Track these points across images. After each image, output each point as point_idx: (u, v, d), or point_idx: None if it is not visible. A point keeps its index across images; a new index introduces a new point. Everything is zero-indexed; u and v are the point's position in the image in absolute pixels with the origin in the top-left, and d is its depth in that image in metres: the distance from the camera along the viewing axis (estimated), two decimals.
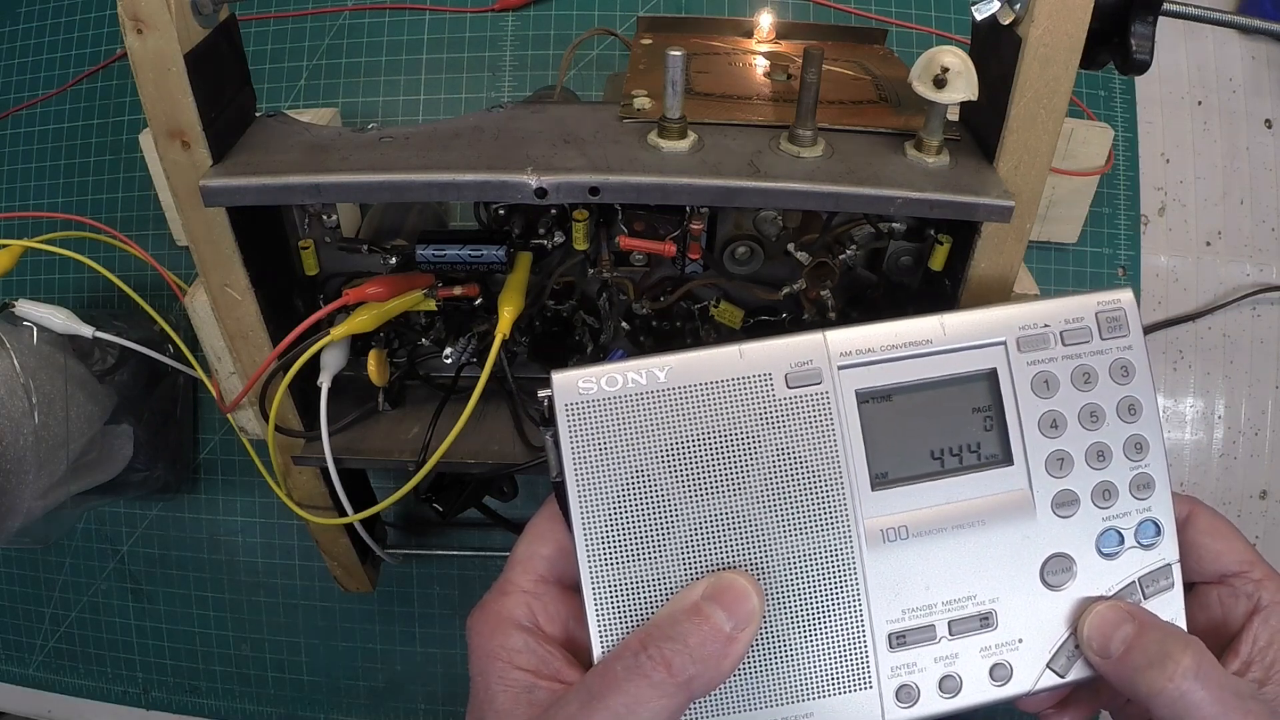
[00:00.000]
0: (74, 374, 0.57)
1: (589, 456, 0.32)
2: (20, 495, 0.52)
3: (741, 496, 0.32)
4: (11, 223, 0.68)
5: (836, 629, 0.32)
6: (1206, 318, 0.70)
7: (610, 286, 0.51)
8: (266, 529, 0.70)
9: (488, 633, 0.33)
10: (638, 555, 0.32)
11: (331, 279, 0.50)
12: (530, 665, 0.32)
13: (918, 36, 0.71)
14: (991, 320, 0.34)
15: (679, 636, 0.30)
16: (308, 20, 0.72)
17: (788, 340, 0.33)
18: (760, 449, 0.32)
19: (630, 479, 0.32)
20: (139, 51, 0.37)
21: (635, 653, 0.30)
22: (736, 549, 0.32)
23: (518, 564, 0.35)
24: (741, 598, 0.31)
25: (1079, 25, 0.37)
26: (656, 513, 0.32)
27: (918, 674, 0.33)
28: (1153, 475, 0.35)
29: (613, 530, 0.32)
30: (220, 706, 0.72)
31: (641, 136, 0.41)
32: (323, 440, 0.47)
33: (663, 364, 0.32)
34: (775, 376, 0.32)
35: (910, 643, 0.33)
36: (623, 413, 0.32)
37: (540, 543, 0.35)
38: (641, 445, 0.32)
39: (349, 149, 0.41)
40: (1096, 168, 0.64)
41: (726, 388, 0.32)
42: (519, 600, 0.34)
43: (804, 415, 0.32)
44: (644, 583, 0.32)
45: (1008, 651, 0.33)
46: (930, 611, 0.33)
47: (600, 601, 0.32)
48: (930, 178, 0.40)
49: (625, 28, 0.70)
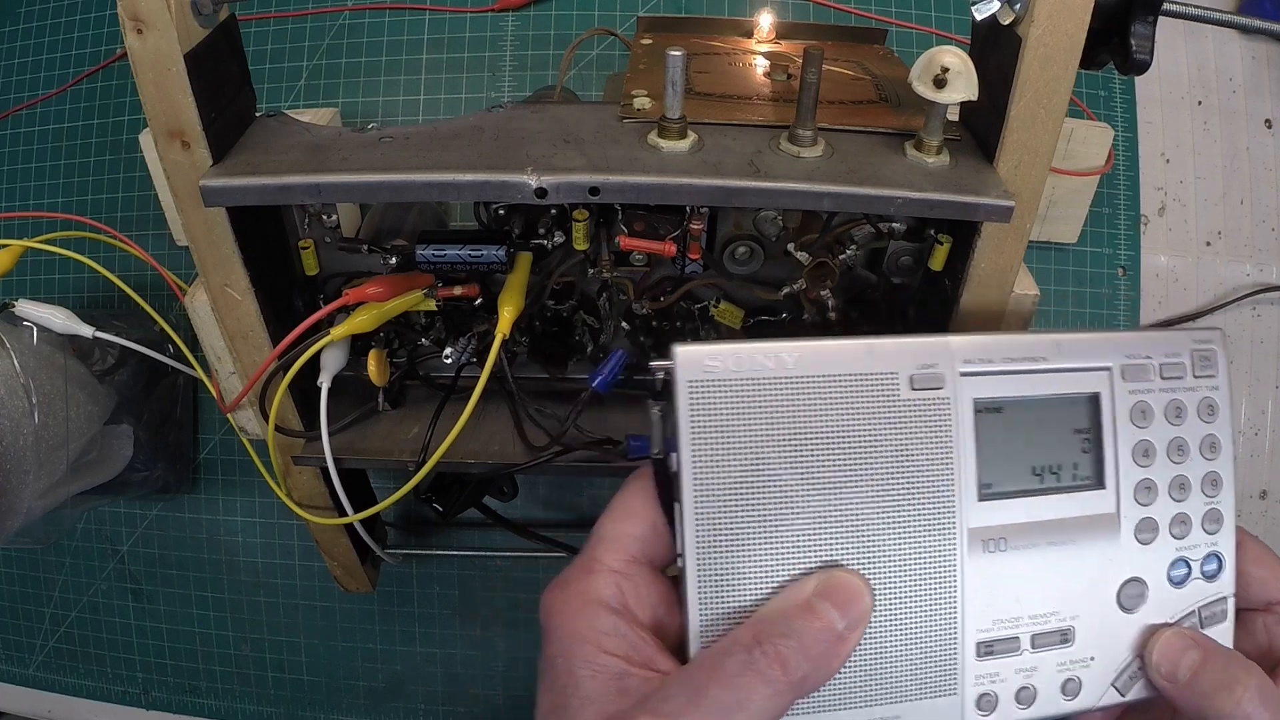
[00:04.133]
0: (74, 374, 0.57)
1: (708, 437, 0.30)
2: (20, 495, 0.52)
3: (855, 493, 0.31)
4: (11, 223, 0.68)
5: (933, 633, 0.32)
6: (1206, 318, 0.70)
7: (610, 286, 0.51)
8: (266, 529, 0.70)
9: (572, 613, 0.31)
10: (748, 544, 0.31)
11: (331, 279, 0.50)
12: (621, 650, 0.30)
13: (918, 36, 0.71)
14: (1101, 344, 0.35)
15: (794, 634, 0.29)
16: (308, 20, 0.72)
17: (914, 340, 0.33)
18: (878, 447, 0.32)
19: (748, 464, 0.31)
20: (139, 51, 0.37)
21: (748, 648, 0.29)
22: (845, 546, 0.31)
23: (605, 542, 0.33)
24: (855, 597, 0.30)
25: (1079, 25, 0.37)
26: (771, 502, 0.31)
27: (998, 684, 0.33)
28: (1223, 511, 0.35)
29: (725, 516, 0.31)
30: (220, 706, 0.72)
31: (641, 136, 0.41)
32: (323, 440, 0.47)
33: (792, 350, 0.31)
34: (900, 376, 0.32)
35: (996, 653, 0.33)
36: (746, 395, 0.31)
37: (630, 521, 0.33)
38: (763, 431, 0.31)
39: (349, 149, 0.41)
40: (1096, 168, 0.64)
41: (852, 382, 0.31)
42: (608, 580, 0.32)
43: (924, 418, 0.32)
44: (751, 573, 0.31)
45: (1080, 668, 0.34)
46: (1017, 624, 0.33)
47: (705, 589, 0.31)
48: (930, 178, 0.40)
49: (625, 28, 0.70)
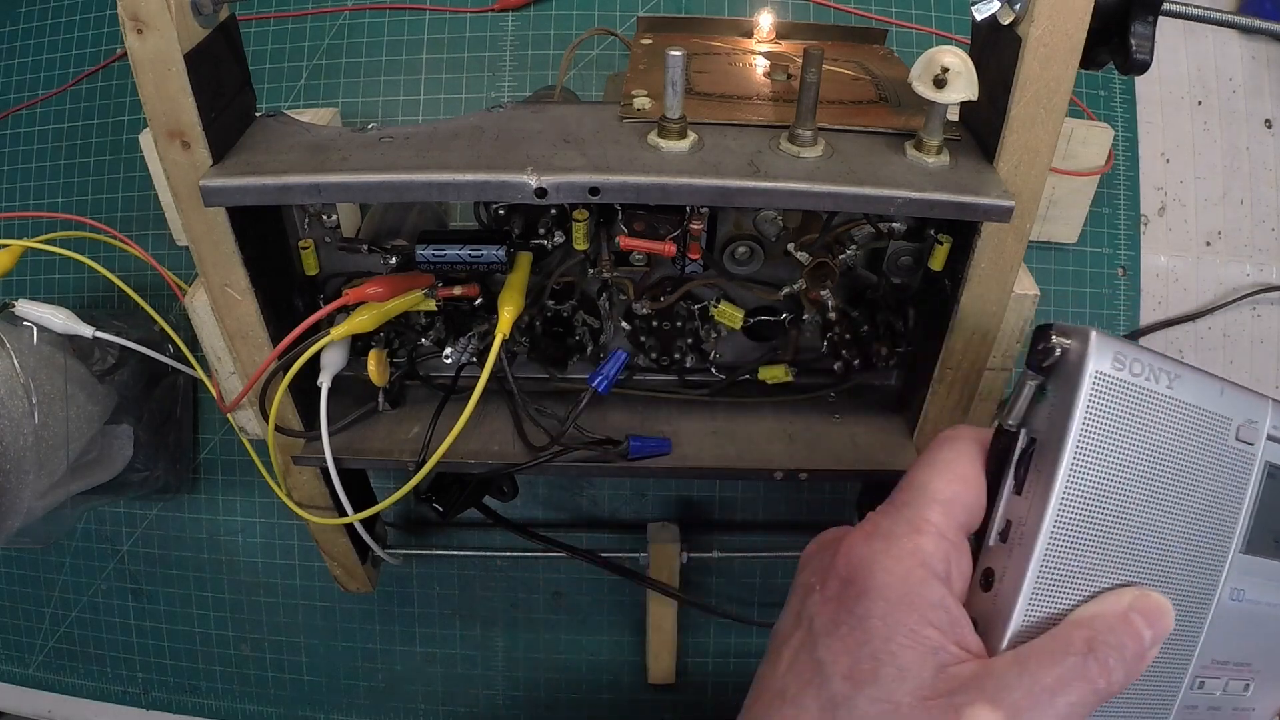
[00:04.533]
0: (74, 374, 0.57)
1: (1095, 431, 0.31)
2: (20, 495, 0.52)
3: (1170, 519, 0.33)
4: (11, 223, 0.68)
5: (1171, 661, 0.34)
6: (1206, 318, 0.70)
7: (610, 286, 0.51)
8: (266, 529, 0.70)
9: (902, 573, 0.29)
10: (1090, 544, 0.31)
11: (331, 279, 0.50)
12: (943, 625, 0.29)
13: (918, 36, 0.71)
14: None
15: (1119, 646, 0.29)
16: (308, 20, 0.72)
17: (1246, 393, 0.34)
18: (1199, 484, 0.33)
19: (1116, 469, 0.31)
20: (139, 51, 0.37)
21: (1083, 654, 0.29)
22: (1146, 566, 0.33)
23: (938, 503, 0.31)
24: (1163, 615, 0.31)
25: (1079, 25, 0.37)
26: (1118, 511, 0.32)
27: (1190, 713, 0.35)
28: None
29: (1084, 513, 0.31)
30: (220, 706, 0.72)
31: (641, 136, 0.41)
32: (323, 440, 0.47)
33: (1176, 371, 0.32)
34: (1231, 425, 0.34)
35: (1204, 689, 0.35)
36: (1135, 402, 0.32)
37: (965, 487, 0.31)
38: (1136, 441, 0.32)
39: (349, 149, 0.41)
40: (1096, 168, 0.64)
41: (1200, 417, 0.33)
42: (939, 546, 0.30)
43: (1235, 469, 0.34)
44: (1084, 575, 0.31)
45: (1239, 715, 0.37)
46: (1225, 668, 0.36)
47: (1043, 581, 0.31)
48: (930, 178, 0.40)
49: (625, 28, 0.70)
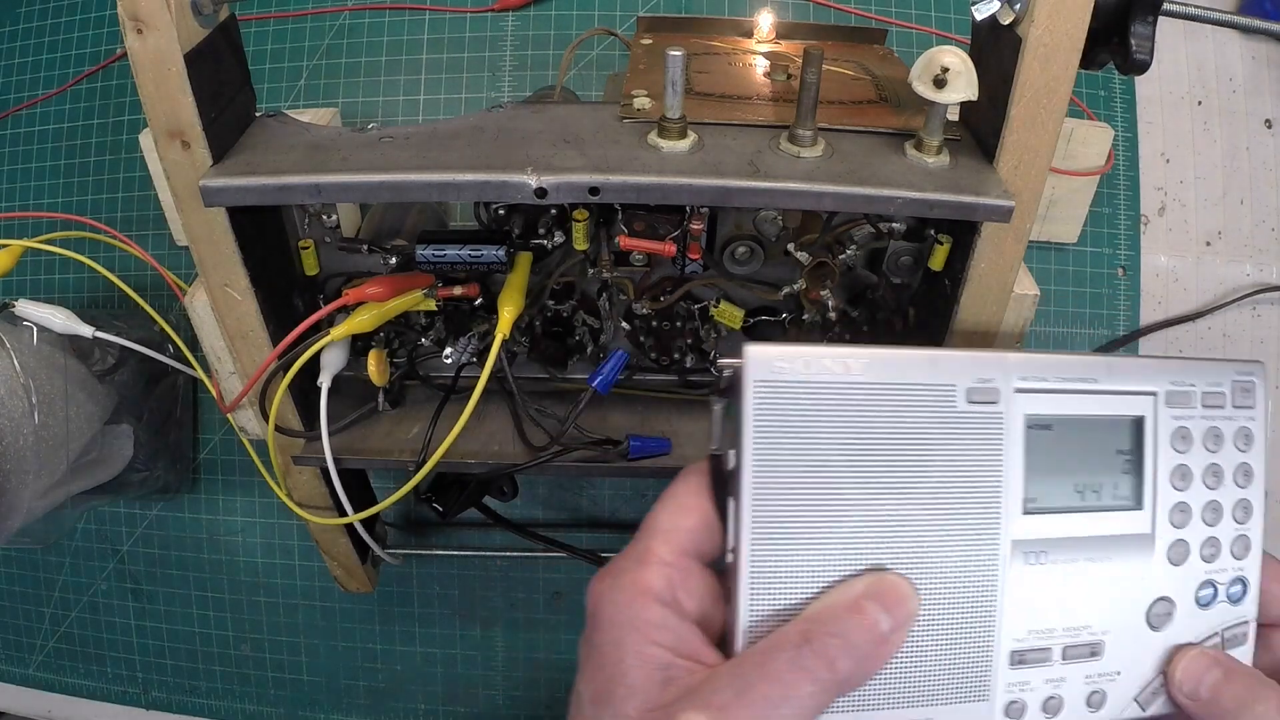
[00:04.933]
0: (74, 374, 0.56)
1: (772, 437, 0.31)
2: (20, 495, 0.52)
3: (906, 499, 0.32)
4: (11, 223, 0.68)
5: (971, 639, 0.33)
6: (1206, 318, 0.70)
7: (610, 286, 0.51)
8: (266, 529, 0.70)
9: (624, 602, 0.31)
10: (801, 544, 0.31)
11: (331, 279, 0.50)
12: (668, 642, 0.31)
13: (918, 36, 0.71)
14: (1150, 370, 0.35)
15: (842, 633, 0.30)
16: (308, 20, 0.72)
17: (974, 355, 0.34)
18: (932, 457, 0.32)
19: (808, 467, 0.31)
20: (139, 51, 0.37)
21: (797, 645, 0.29)
22: (894, 550, 0.32)
23: (659, 534, 0.33)
24: (902, 599, 0.31)
25: (1079, 25, 0.37)
26: (827, 504, 0.32)
27: (1027, 692, 0.34)
28: (1251, 539, 0.36)
29: (782, 515, 0.31)
30: (220, 706, 0.72)
31: (641, 136, 0.41)
32: (323, 440, 0.47)
33: (859, 356, 0.32)
34: (959, 389, 0.33)
35: (1028, 662, 0.34)
36: (812, 399, 0.31)
37: (684, 514, 0.33)
38: (825, 435, 0.31)
39: (349, 149, 0.41)
40: (1096, 168, 0.64)
41: (912, 391, 0.32)
42: (659, 572, 0.32)
43: (977, 431, 0.33)
44: (802, 572, 0.31)
45: (1106, 682, 0.35)
46: (1050, 635, 0.34)
47: (756, 586, 0.31)
48: (930, 178, 0.40)
49: (625, 28, 0.70)
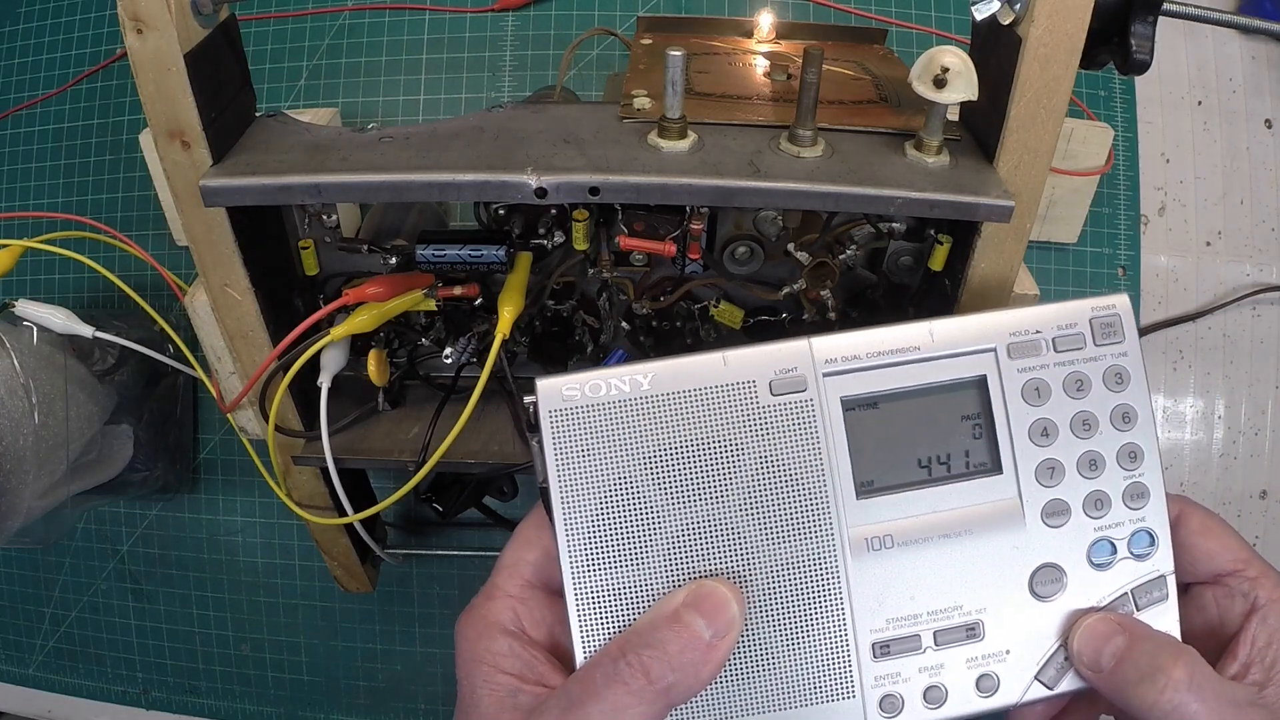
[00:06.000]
0: (74, 374, 0.56)
1: (573, 463, 0.31)
2: (20, 495, 0.52)
3: (725, 504, 0.32)
4: (11, 223, 0.68)
5: (819, 638, 0.32)
6: (1206, 318, 0.70)
7: (610, 286, 0.51)
8: (266, 529, 0.70)
9: (474, 636, 0.33)
10: (621, 562, 0.32)
11: (331, 279, 0.50)
12: (515, 669, 0.32)
13: (918, 36, 0.71)
14: (982, 326, 0.33)
15: (658, 644, 0.30)
16: (308, 20, 0.72)
17: (773, 347, 0.32)
18: (743, 456, 0.32)
19: (613, 486, 0.31)
20: (139, 51, 0.37)
21: (614, 659, 0.30)
22: (720, 556, 0.32)
23: (504, 569, 0.35)
24: (721, 606, 0.31)
25: (1079, 25, 0.37)
26: (640, 520, 0.32)
27: (902, 684, 0.33)
28: (1147, 485, 0.34)
29: (596, 537, 0.32)
30: (220, 706, 0.72)
31: (641, 136, 0.41)
32: (323, 440, 0.47)
33: (647, 371, 0.32)
34: (760, 384, 0.32)
35: (894, 653, 0.33)
36: (606, 419, 0.31)
37: (527, 548, 0.35)
38: (625, 452, 0.31)
39: (349, 149, 0.41)
40: (1096, 168, 0.64)
41: (710, 395, 0.32)
42: (505, 605, 0.34)
43: (787, 423, 0.32)
44: (627, 589, 0.32)
45: (995, 663, 0.33)
46: (915, 621, 0.33)
47: (583, 607, 0.32)
48: (930, 178, 0.40)
49: (625, 28, 0.70)
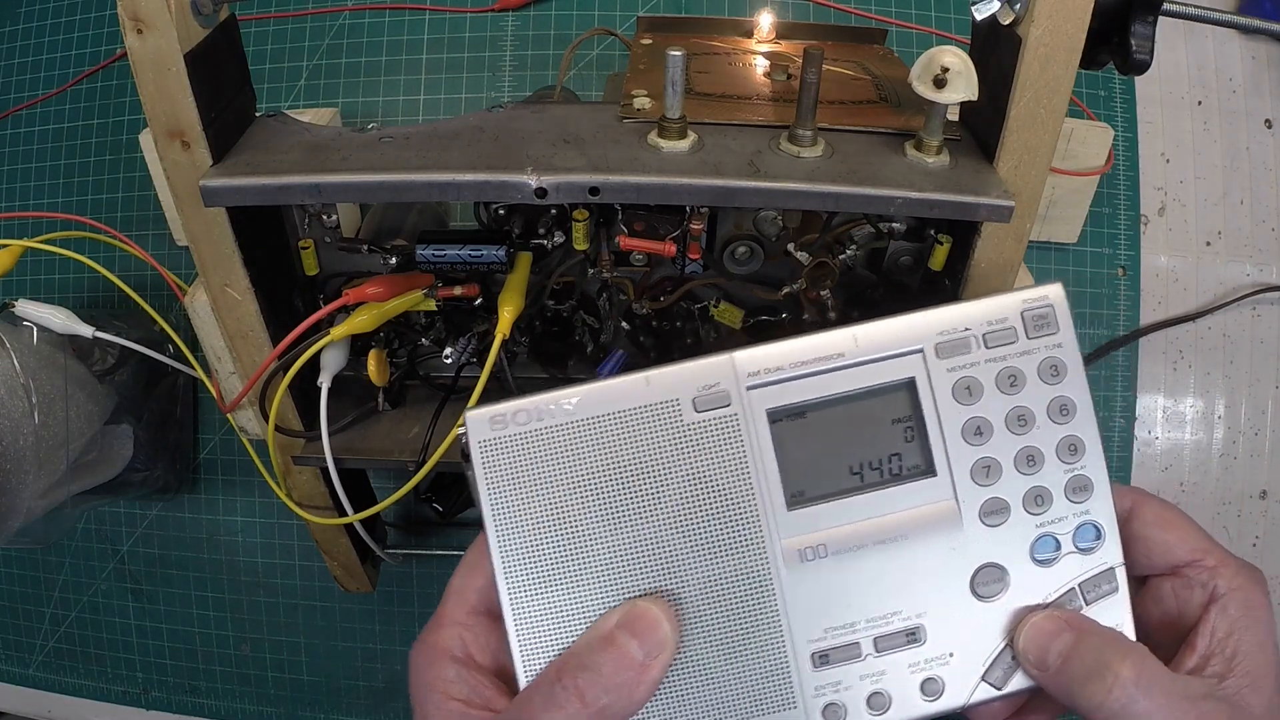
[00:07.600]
0: (74, 374, 0.57)
1: (505, 491, 0.32)
2: (20, 495, 0.52)
3: (656, 523, 0.32)
4: (11, 223, 0.68)
5: (757, 650, 0.32)
6: (1206, 318, 0.70)
7: (610, 286, 0.51)
8: (266, 529, 0.70)
9: (424, 665, 0.34)
10: (556, 586, 0.32)
11: (331, 279, 0.50)
12: (462, 695, 0.33)
13: (918, 36, 0.71)
14: (907, 328, 0.33)
15: (593, 666, 0.31)
16: (308, 20, 0.72)
17: (695, 364, 0.32)
18: (671, 475, 0.32)
19: (544, 512, 0.32)
20: (139, 51, 0.37)
21: (551, 683, 0.31)
22: (655, 575, 0.32)
23: (451, 596, 0.35)
24: (653, 626, 0.31)
25: (1079, 25, 0.37)
26: (572, 544, 0.32)
27: (844, 692, 0.32)
28: (1090, 477, 0.33)
29: (532, 562, 0.32)
30: (220, 706, 0.72)
31: (641, 136, 0.41)
32: (323, 440, 0.47)
33: (572, 396, 0.32)
34: (683, 402, 0.32)
35: (834, 661, 0.32)
36: (534, 446, 0.32)
37: (472, 574, 0.35)
38: (554, 478, 0.32)
39: (349, 149, 0.41)
40: (1096, 168, 0.64)
41: (634, 416, 0.32)
42: (452, 632, 0.34)
43: (713, 439, 0.32)
44: (564, 613, 0.32)
45: (938, 666, 0.33)
46: (853, 629, 0.33)
47: (523, 633, 0.32)
48: (930, 178, 0.40)
49: (625, 28, 0.70)
